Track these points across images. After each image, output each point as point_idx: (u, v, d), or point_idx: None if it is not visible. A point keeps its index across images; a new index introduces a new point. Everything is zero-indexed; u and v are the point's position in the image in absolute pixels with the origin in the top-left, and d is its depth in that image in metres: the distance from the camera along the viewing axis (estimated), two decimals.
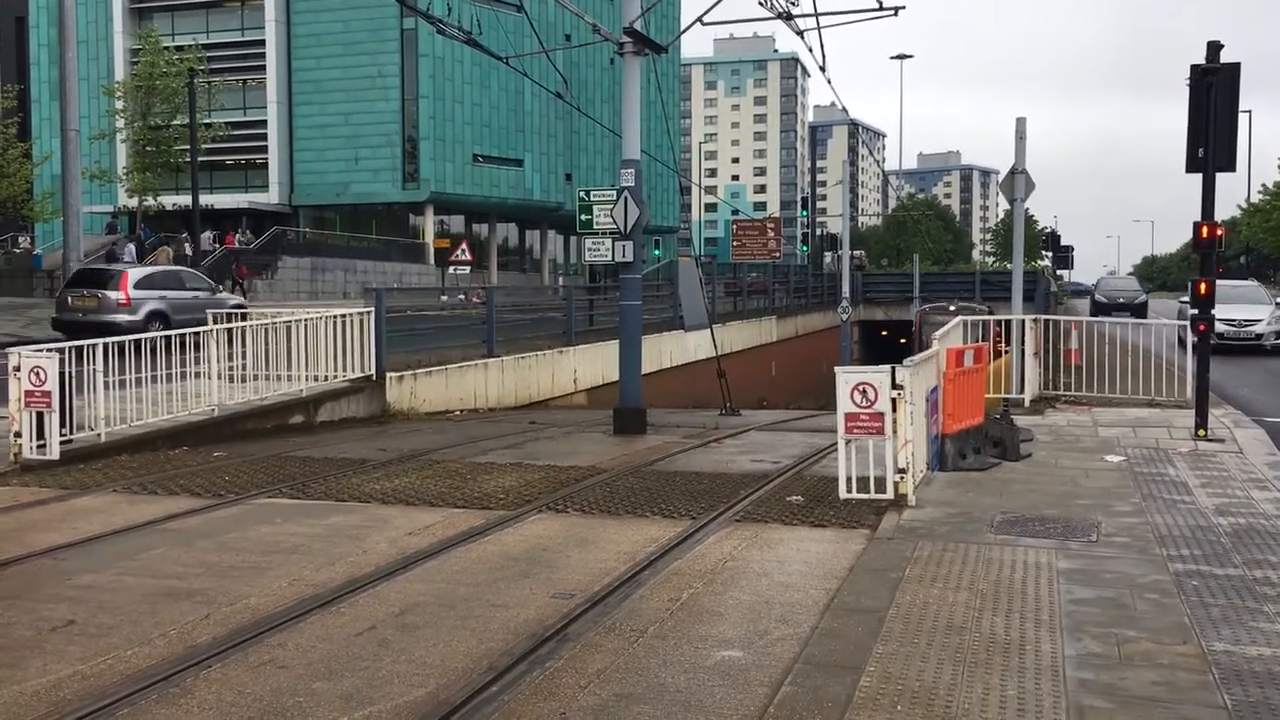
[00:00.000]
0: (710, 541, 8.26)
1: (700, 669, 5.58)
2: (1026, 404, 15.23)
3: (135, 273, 24.09)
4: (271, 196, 62.75)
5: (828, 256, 63.61)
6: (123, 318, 21.84)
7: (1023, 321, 16.07)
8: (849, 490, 9.10)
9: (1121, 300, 39.77)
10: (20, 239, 55.00)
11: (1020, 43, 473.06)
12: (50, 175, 48.22)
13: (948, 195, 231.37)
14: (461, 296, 31.40)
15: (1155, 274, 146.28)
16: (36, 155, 50.80)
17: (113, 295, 22.63)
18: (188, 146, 42.38)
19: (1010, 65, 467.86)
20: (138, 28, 60.79)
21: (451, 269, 42.27)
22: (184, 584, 7.20)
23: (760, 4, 16.06)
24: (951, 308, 33.57)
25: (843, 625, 6.13)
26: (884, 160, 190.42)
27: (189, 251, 43.70)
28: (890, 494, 8.96)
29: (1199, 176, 12.39)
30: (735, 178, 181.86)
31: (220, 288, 27.94)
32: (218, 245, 48.29)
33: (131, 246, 42.05)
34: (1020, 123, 17.32)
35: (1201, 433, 12.51)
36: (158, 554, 8.02)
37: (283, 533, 8.67)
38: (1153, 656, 5.58)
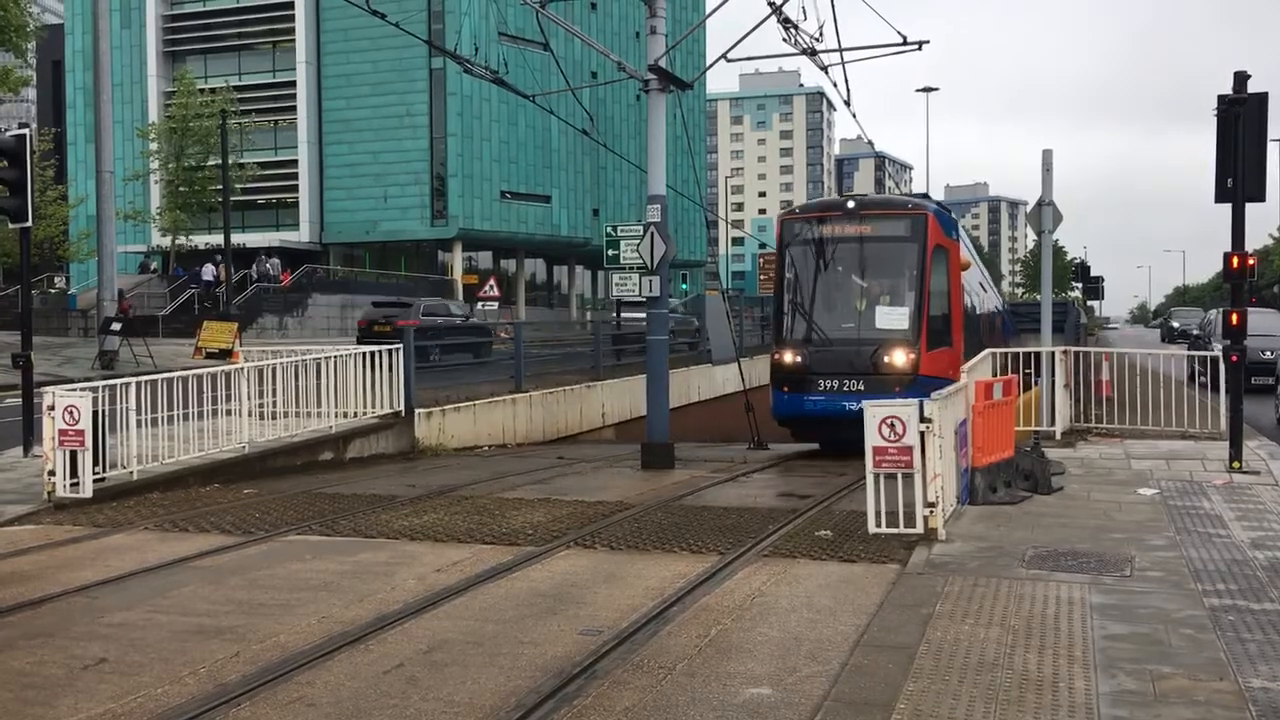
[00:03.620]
0: (739, 577, 8.22)
1: (729, 707, 5.54)
2: (1057, 436, 15.08)
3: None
4: (302, 235, 63.38)
5: None
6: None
7: (1053, 353, 15.95)
8: (878, 525, 9.04)
9: (1268, 353, 22.55)
10: (56, 279, 55.79)
11: (1047, 74, 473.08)
12: (86, 216, 48.98)
13: (976, 227, 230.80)
14: None
15: (1187, 304, 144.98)
16: (72, 197, 51.64)
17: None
18: (220, 186, 43.00)
19: (1036, 96, 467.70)
20: (171, 70, 61.80)
21: (480, 305, 42.52)
22: (214, 621, 7.23)
23: (784, 41, 16.14)
24: (852, 203, 16.99)
25: (873, 662, 6.08)
26: (911, 193, 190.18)
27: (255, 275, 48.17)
28: (920, 528, 8.89)
29: (1228, 206, 12.30)
30: (762, 211, 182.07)
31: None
32: (269, 273, 49.69)
33: (210, 266, 44.97)
34: (1047, 155, 17.26)
35: (1236, 465, 12.35)
36: (189, 591, 8.07)
37: (312, 570, 8.70)
38: (1188, 693, 5.50)
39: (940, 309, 16.09)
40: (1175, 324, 48.02)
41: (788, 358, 15.96)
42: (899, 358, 15.29)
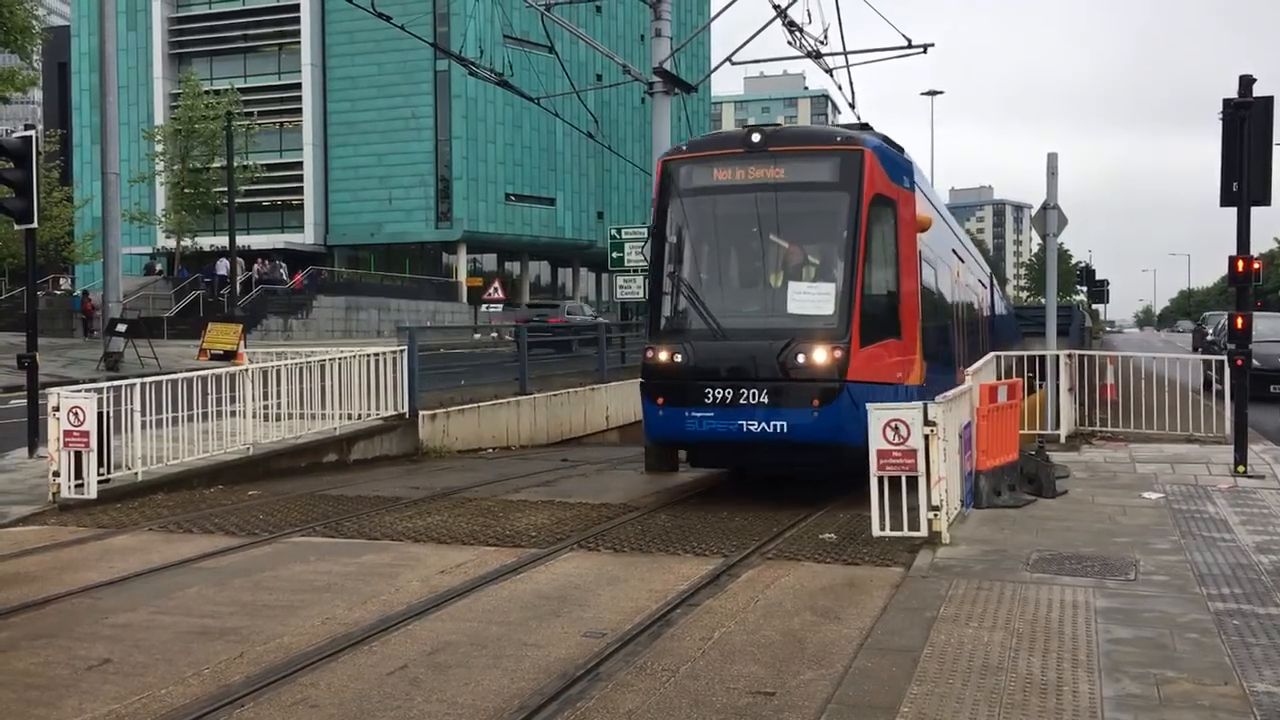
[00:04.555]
0: (742, 580, 8.21)
1: (732, 710, 5.54)
2: (1062, 440, 15.06)
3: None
4: (307, 237, 63.49)
5: None
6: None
7: (1057, 356, 15.93)
8: (882, 528, 9.03)
9: None
10: (61, 281, 55.94)
11: (1049, 77, 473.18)
12: (91, 218, 49.16)
13: (981, 230, 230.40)
14: (494, 335, 31.59)
15: (1193, 308, 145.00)
16: (77, 199, 51.76)
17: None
18: (225, 188, 43.11)
19: (1039, 99, 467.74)
20: (177, 72, 61.96)
21: (484, 307, 42.57)
22: (218, 623, 7.24)
23: (789, 43, 16.17)
24: (758, 136, 12.36)
25: (876, 665, 6.07)
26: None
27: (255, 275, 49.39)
28: (924, 531, 8.87)
29: (1234, 210, 12.29)
30: None
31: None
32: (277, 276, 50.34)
33: (225, 261, 46.01)
34: (1052, 158, 17.22)
35: (1241, 469, 12.32)
36: (192, 592, 8.08)
37: (316, 571, 8.71)
38: (1193, 698, 5.49)
39: (883, 285, 12.00)
40: (1211, 331, 34.03)
41: (663, 356, 11.77)
42: (818, 356, 11.02)
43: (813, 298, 11.60)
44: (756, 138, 11.98)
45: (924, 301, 12.90)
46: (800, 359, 11.09)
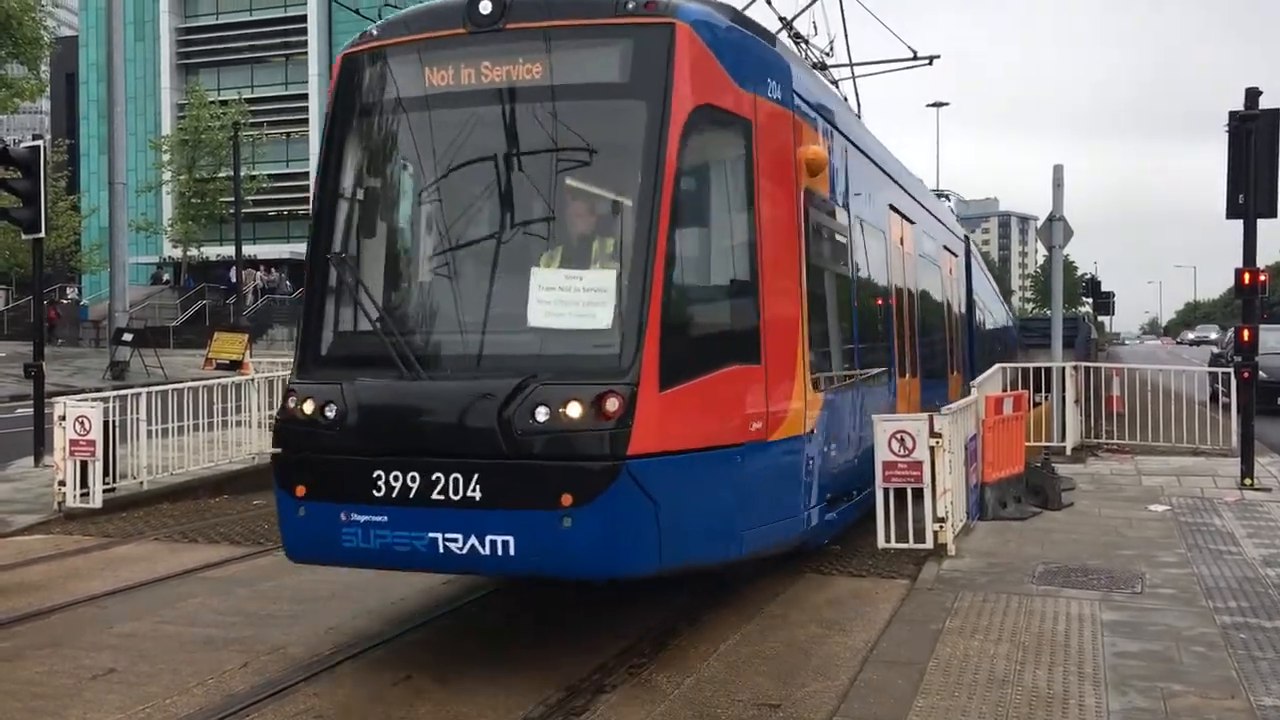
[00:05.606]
0: (746, 591, 8.19)
1: None
2: (1068, 452, 15.01)
3: None
4: None
5: None
6: None
7: (1063, 368, 15.90)
8: (887, 539, 9.00)
9: None
10: (68, 290, 56.10)
11: (1050, 88, 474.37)
12: (98, 227, 49.31)
13: (986, 242, 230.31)
14: None
15: (1198, 320, 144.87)
16: (84, 208, 51.98)
17: None
18: (232, 198, 43.22)
19: (1046, 110, 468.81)
20: (184, 83, 62.22)
21: None
22: (222, 632, 7.24)
23: None
24: (489, 5, 6.76)
25: (882, 677, 6.05)
26: None
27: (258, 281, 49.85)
28: (930, 543, 8.85)
29: (1239, 222, 12.28)
30: None
31: None
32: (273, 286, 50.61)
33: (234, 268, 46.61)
34: (1058, 170, 17.18)
35: (1248, 481, 12.29)
36: (197, 602, 8.08)
37: (319, 580, 8.68)
38: (1200, 711, 5.46)
39: (723, 269, 7.12)
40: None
41: (307, 408, 6.62)
42: (574, 409, 5.99)
43: (573, 299, 6.53)
44: (487, 8, 6.82)
45: (815, 297, 8.03)
46: (541, 416, 6.02)
